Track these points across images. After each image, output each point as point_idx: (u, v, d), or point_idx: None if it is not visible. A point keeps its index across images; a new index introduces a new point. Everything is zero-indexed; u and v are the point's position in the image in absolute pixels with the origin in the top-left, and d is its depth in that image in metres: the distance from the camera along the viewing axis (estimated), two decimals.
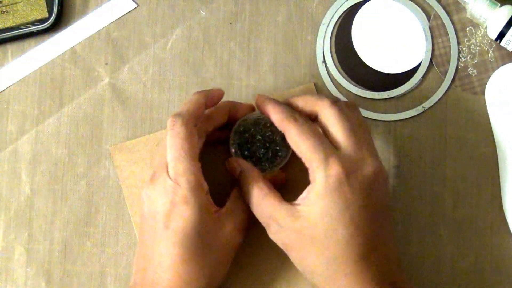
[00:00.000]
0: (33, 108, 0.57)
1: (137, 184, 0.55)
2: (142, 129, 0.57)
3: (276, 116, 0.47)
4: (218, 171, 0.52)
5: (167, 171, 0.45)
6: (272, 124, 0.49)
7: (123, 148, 0.56)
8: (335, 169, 0.43)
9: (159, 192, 0.45)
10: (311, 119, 0.48)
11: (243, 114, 0.52)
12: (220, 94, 0.50)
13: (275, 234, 0.46)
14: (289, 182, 0.53)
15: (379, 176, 0.45)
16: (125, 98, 0.57)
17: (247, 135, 0.52)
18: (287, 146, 0.50)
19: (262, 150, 0.51)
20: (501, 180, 0.56)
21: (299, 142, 0.45)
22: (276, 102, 0.48)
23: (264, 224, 0.47)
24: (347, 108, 0.48)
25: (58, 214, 0.56)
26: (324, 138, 0.45)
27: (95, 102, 0.57)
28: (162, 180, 0.45)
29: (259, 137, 0.51)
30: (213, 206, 0.47)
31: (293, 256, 0.46)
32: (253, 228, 0.50)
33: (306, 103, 0.48)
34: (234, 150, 0.51)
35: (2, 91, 0.58)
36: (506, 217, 0.56)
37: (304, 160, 0.45)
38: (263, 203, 0.46)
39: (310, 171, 0.45)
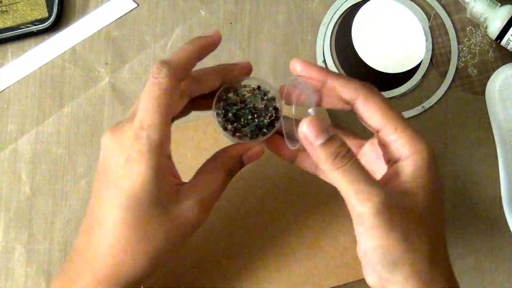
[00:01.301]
0: (33, 108, 0.57)
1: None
2: None
3: (343, 82, 0.41)
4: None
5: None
6: (268, 98, 0.45)
7: None
8: (429, 143, 0.39)
9: (116, 142, 0.39)
10: None
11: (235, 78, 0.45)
12: (216, 40, 0.43)
13: (379, 210, 0.37)
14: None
15: None
16: (125, 98, 0.57)
17: (237, 97, 0.45)
18: (273, 126, 0.44)
19: (249, 117, 0.45)
20: (501, 180, 0.56)
21: (384, 111, 0.40)
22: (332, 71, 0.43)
23: (360, 200, 0.38)
24: None
25: (58, 214, 0.56)
26: None
27: (95, 102, 0.57)
28: (124, 130, 0.39)
29: (251, 105, 0.45)
30: (175, 177, 0.42)
31: (395, 241, 0.38)
32: (255, 229, 0.50)
33: (345, 86, 0.42)
34: (217, 111, 0.45)
35: (2, 91, 0.58)
36: (506, 217, 0.56)
37: (389, 130, 0.40)
38: (361, 175, 0.38)
39: (396, 144, 0.39)
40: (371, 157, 0.44)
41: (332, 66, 0.58)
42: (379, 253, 0.38)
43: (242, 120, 0.45)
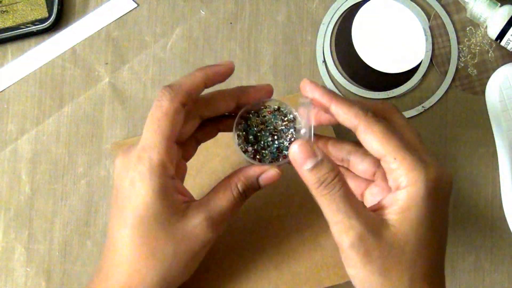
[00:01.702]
0: (33, 108, 0.57)
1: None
2: (142, 129, 0.57)
3: (346, 108, 0.40)
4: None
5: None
6: (289, 119, 0.44)
7: (124, 145, 0.55)
8: (434, 172, 0.38)
9: (124, 164, 0.41)
10: None
11: (256, 100, 0.45)
12: (226, 71, 0.44)
13: (356, 241, 0.38)
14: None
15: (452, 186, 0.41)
16: (125, 98, 0.57)
17: (257, 119, 0.45)
18: None
19: (269, 139, 0.45)
20: (501, 180, 0.56)
21: (383, 140, 0.39)
22: (339, 95, 0.42)
23: (341, 229, 0.39)
24: None
25: (58, 214, 0.56)
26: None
27: (95, 102, 0.57)
28: (131, 152, 0.41)
29: (271, 126, 0.45)
30: (183, 194, 0.42)
31: (370, 272, 0.38)
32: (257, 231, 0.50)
33: (373, 106, 0.42)
34: (237, 132, 0.45)
35: (2, 91, 0.58)
36: (506, 217, 0.56)
37: (388, 160, 0.39)
38: (347, 203, 0.39)
39: (396, 174, 0.39)
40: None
41: (332, 66, 0.58)
42: (357, 281, 0.39)
43: (262, 142, 0.45)
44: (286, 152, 0.44)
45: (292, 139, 0.44)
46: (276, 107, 0.45)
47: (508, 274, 0.56)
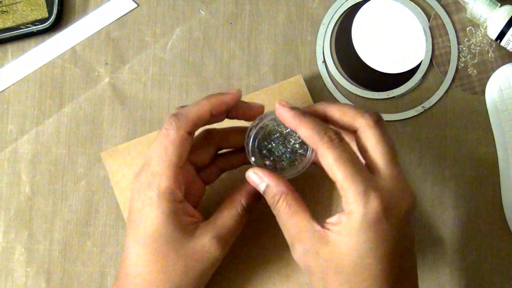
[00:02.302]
0: (33, 108, 0.57)
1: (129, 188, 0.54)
2: (142, 129, 0.57)
3: (306, 132, 0.42)
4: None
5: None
6: None
7: (114, 152, 0.55)
8: (374, 205, 0.40)
9: (136, 188, 0.44)
10: (344, 129, 0.44)
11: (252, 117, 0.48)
12: (232, 100, 0.46)
13: (299, 255, 0.43)
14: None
15: (414, 209, 0.43)
16: (125, 98, 0.57)
17: (265, 132, 0.47)
18: (305, 151, 0.46)
19: (281, 148, 0.47)
20: (501, 180, 0.56)
21: (334, 168, 0.41)
22: (304, 113, 0.43)
23: (289, 243, 0.44)
24: (385, 128, 0.44)
25: (58, 214, 0.56)
26: (362, 165, 0.42)
27: (95, 102, 0.57)
28: (141, 176, 0.44)
29: (277, 134, 0.47)
30: (191, 216, 0.45)
31: (314, 281, 0.43)
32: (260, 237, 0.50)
33: (344, 114, 0.44)
34: (250, 149, 0.46)
35: (2, 91, 0.58)
36: (506, 217, 0.56)
37: (338, 186, 0.41)
38: (290, 221, 0.43)
39: (344, 200, 0.41)
40: None
41: (332, 66, 0.58)
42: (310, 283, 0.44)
43: (276, 152, 0.47)
44: (301, 151, 0.46)
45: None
46: (274, 116, 0.46)
47: (508, 274, 0.56)
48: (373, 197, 0.40)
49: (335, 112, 0.44)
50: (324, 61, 0.58)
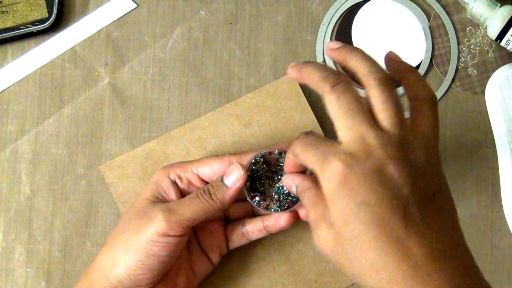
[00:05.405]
0: (33, 108, 0.57)
1: (132, 200, 0.54)
2: (142, 129, 0.57)
3: (313, 77, 0.43)
4: None
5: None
6: (282, 156, 0.48)
7: (113, 165, 0.55)
8: (333, 166, 0.39)
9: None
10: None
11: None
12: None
13: (315, 240, 0.42)
14: None
15: (432, 157, 0.41)
16: (125, 98, 0.57)
17: (259, 172, 0.49)
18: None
19: (267, 182, 0.49)
20: (501, 180, 0.56)
21: (334, 116, 0.42)
22: (317, 63, 0.44)
23: (311, 231, 0.43)
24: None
25: (58, 214, 0.56)
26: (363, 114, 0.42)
27: (95, 102, 0.57)
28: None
29: (269, 174, 0.49)
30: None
31: (334, 262, 0.42)
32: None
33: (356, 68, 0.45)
34: (246, 188, 0.49)
35: (2, 91, 0.58)
36: (506, 217, 0.56)
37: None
38: (311, 211, 0.43)
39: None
40: None
41: (332, 66, 0.58)
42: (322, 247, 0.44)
43: (263, 188, 0.49)
44: (292, 196, 0.49)
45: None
46: (264, 152, 0.48)
47: (508, 274, 0.56)
48: (332, 159, 0.39)
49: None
50: (324, 61, 0.58)
